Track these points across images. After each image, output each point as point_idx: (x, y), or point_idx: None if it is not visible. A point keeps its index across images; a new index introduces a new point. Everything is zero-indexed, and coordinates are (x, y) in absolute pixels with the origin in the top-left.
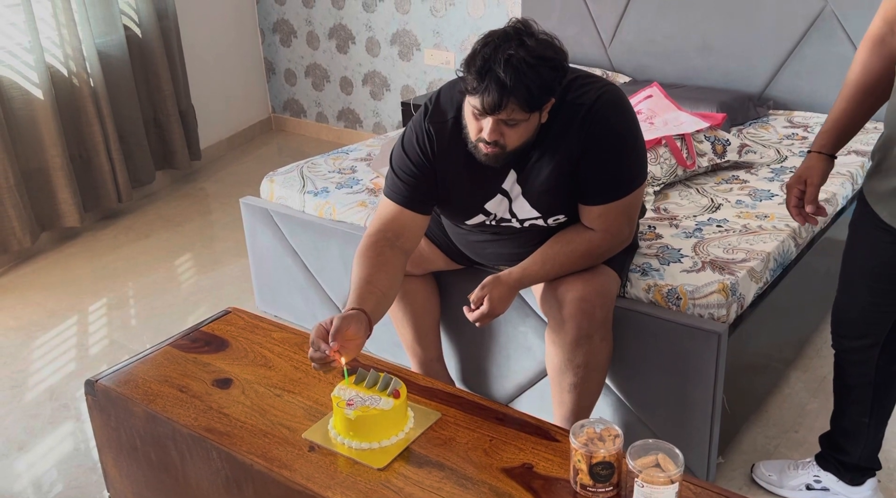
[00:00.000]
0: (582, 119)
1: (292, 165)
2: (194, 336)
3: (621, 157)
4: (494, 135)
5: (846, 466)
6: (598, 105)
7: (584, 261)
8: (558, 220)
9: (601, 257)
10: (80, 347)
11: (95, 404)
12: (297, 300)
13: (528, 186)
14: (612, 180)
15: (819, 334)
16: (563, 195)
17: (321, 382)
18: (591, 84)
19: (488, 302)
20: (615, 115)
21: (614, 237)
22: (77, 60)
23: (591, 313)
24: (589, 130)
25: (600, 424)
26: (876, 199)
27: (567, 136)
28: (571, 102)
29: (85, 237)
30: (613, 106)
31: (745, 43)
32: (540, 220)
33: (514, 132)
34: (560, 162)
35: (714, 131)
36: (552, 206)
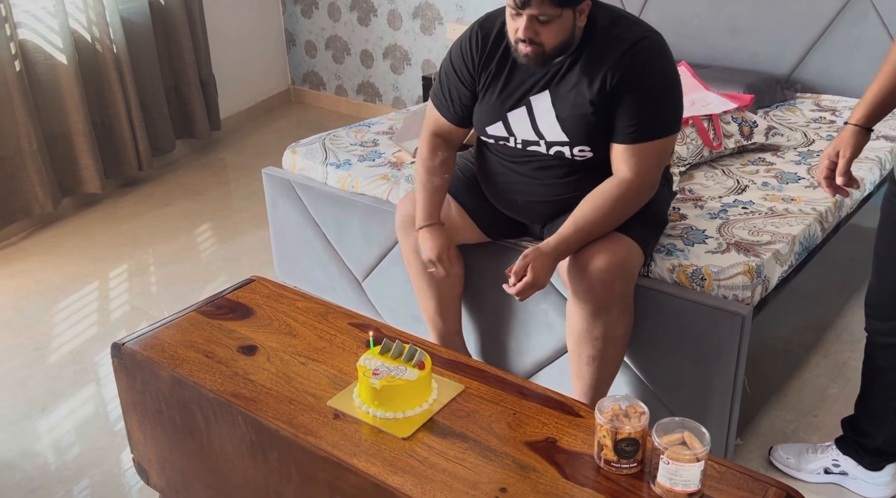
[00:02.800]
0: (623, 53)
1: (314, 137)
2: (219, 303)
3: (659, 98)
4: (529, 32)
5: (867, 450)
6: (643, 44)
7: (615, 213)
8: (584, 151)
9: (631, 206)
10: (101, 311)
11: (121, 367)
12: (317, 272)
13: (560, 106)
14: (649, 118)
15: (840, 320)
16: (592, 125)
17: (345, 351)
18: (638, 25)
19: (531, 271)
20: (658, 57)
21: (643, 181)
22: (101, 26)
23: (611, 285)
24: (630, 64)
25: (626, 400)
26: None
27: (604, 63)
28: (616, 35)
29: (106, 204)
30: (658, 48)
31: (775, 24)
32: (566, 148)
33: (549, 30)
34: (595, 90)
35: (741, 113)
36: (580, 132)
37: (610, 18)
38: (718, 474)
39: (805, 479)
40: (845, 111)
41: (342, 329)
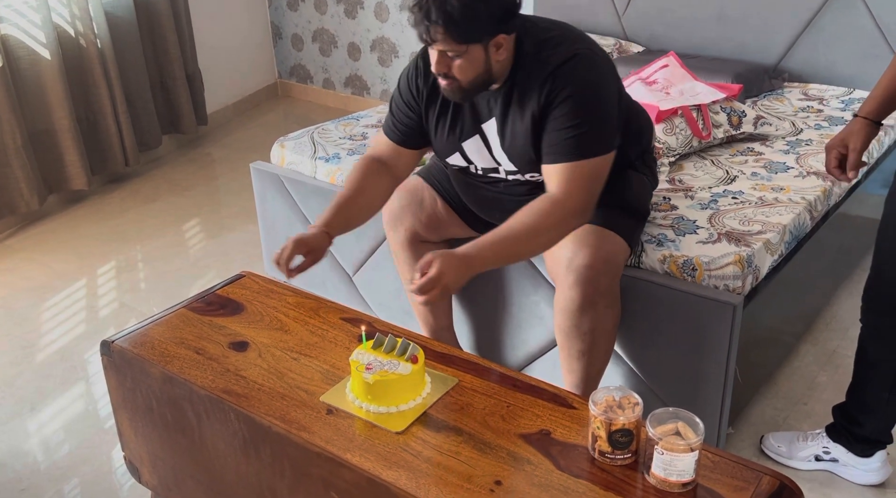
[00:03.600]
0: (546, 77)
1: (303, 131)
2: (209, 299)
3: (582, 118)
4: (440, 66)
5: (857, 438)
6: (566, 65)
7: (541, 231)
8: (535, 177)
9: (559, 227)
10: (89, 309)
11: (111, 365)
12: None
13: (506, 137)
14: (572, 138)
15: (829, 308)
16: (535, 152)
17: (337, 346)
18: (566, 44)
19: (435, 267)
20: (582, 76)
21: (571, 202)
22: (84, 21)
23: (596, 281)
24: (552, 87)
25: (619, 391)
26: None
27: (532, 90)
28: (542, 60)
29: (92, 200)
30: (585, 67)
31: (762, 14)
32: (519, 175)
33: (459, 65)
34: (528, 118)
35: (730, 103)
36: (524, 161)
37: (537, 42)
38: (712, 464)
39: (796, 466)
40: (833, 100)
41: (334, 324)
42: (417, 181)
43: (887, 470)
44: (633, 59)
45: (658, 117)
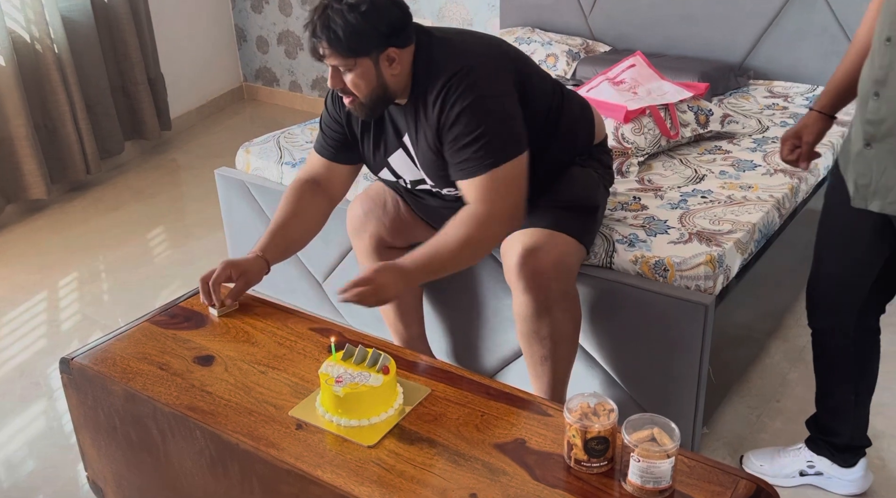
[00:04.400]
0: (437, 93)
1: (268, 135)
2: (172, 312)
3: (478, 130)
4: (334, 82)
5: (838, 448)
6: (454, 79)
7: (471, 245)
8: (451, 192)
9: (487, 238)
10: (50, 322)
11: (71, 383)
12: (275, 274)
13: (419, 152)
14: (474, 152)
15: (798, 304)
16: (442, 167)
17: (307, 358)
18: (454, 58)
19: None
20: (471, 89)
21: (494, 211)
22: (40, 25)
23: (547, 286)
24: (444, 102)
25: (594, 397)
26: (843, 164)
27: (428, 106)
28: (434, 73)
29: (52, 210)
30: (473, 78)
31: (726, 13)
32: (439, 189)
33: (352, 80)
34: (431, 133)
35: (697, 101)
36: (437, 176)
37: (429, 58)
38: (688, 469)
39: (782, 484)
40: (797, 97)
41: (303, 335)
42: (379, 186)
43: (869, 479)
44: (601, 59)
45: (626, 117)
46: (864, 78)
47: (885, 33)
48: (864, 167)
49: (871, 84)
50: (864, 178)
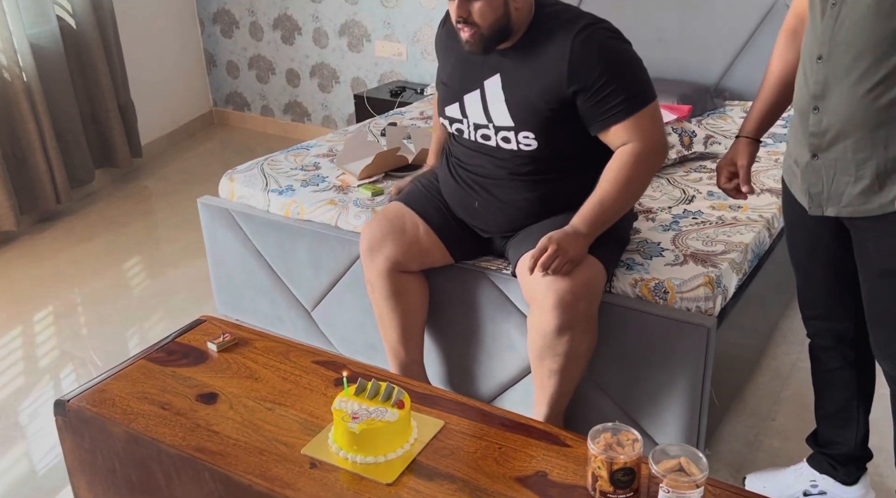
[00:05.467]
0: (572, 39)
1: (252, 163)
2: (170, 348)
3: (623, 79)
4: (461, 11)
5: (840, 461)
6: (591, 29)
7: (632, 181)
8: (528, 138)
9: (647, 171)
10: (27, 359)
11: (66, 426)
12: (262, 303)
13: (509, 90)
14: (624, 95)
15: (785, 321)
16: (540, 113)
17: (313, 392)
18: (580, 13)
19: (553, 243)
20: (610, 39)
21: (651, 145)
22: (8, 53)
23: (575, 305)
24: (583, 52)
25: (616, 428)
26: (789, 178)
27: (552, 49)
28: (564, 21)
29: (22, 241)
30: (608, 31)
31: (700, 35)
32: (511, 134)
33: (479, 9)
34: (548, 76)
35: (681, 123)
36: (526, 118)
37: (553, 5)
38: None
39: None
40: None
41: (307, 368)
42: (398, 207)
43: (871, 496)
44: None
45: None
46: (799, 96)
47: (815, 53)
48: (815, 177)
49: (808, 100)
50: (816, 187)
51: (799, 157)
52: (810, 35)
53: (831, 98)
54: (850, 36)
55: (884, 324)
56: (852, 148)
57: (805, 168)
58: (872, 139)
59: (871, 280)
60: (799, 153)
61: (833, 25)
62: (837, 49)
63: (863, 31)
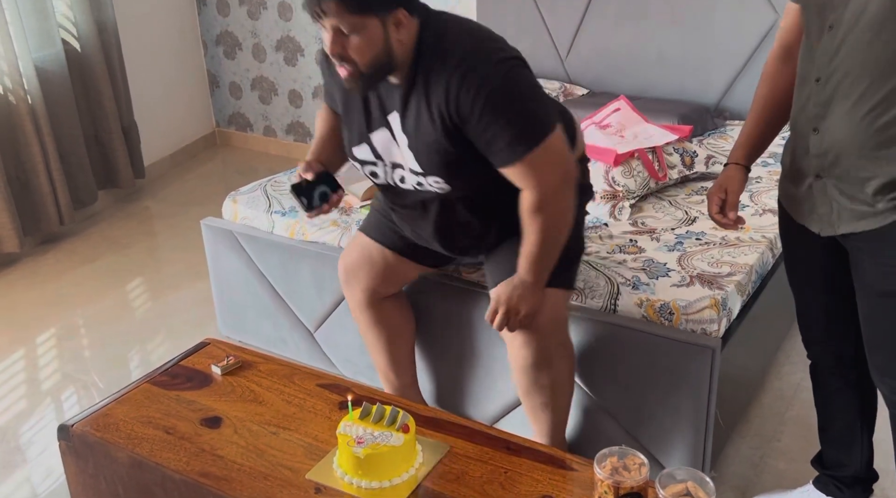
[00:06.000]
0: (452, 71)
1: (254, 184)
2: (174, 371)
3: (509, 114)
4: (335, 47)
5: (846, 483)
6: (471, 61)
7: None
8: (439, 182)
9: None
10: (30, 382)
11: (70, 450)
12: (265, 325)
13: (409, 132)
14: (511, 135)
15: (787, 341)
16: (442, 152)
17: (318, 416)
18: (469, 37)
19: (503, 303)
20: (492, 70)
21: (550, 187)
22: (13, 77)
23: (546, 340)
24: (461, 85)
25: (622, 452)
26: (788, 201)
27: (437, 85)
28: (446, 51)
29: (25, 263)
30: (492, 61)
31: (700, 55)
32: (422, 178)
33: (357, 44)
34: (437, 113)
35: (681, 143)
36: (431, 163)
37: (439, 33)
38: None
39: None
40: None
41: (311, 391)
42: (362, 239)
43: None
44: (580, 102)
45: (616, 161)
46: (797, 118)
47: (813, 75)
48: (822, 197)
49: (807, 122)
50: (824, 207)
51: (799, 180)
52: (807, 57)
53: (831, 119)
54: (849, 58)
55: (882, 347)
56: (854, 167)
57: (808, 190)
58: (874, 158)
59: (869, 302)
60: (799, 176)
61: (831, 48)
62: (836, 71)
63: (862, 53)
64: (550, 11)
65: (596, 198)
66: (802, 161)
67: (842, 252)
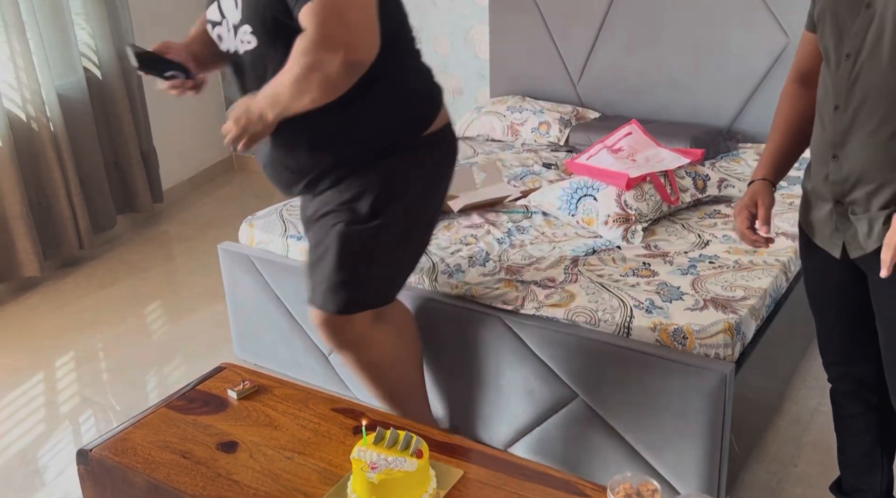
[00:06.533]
0: None
1: (271, 209)
2: (190, 396)
3: None
4: None
5: None
6: None
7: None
8: (248, 33)
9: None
10: (49, 405)
11: (89, 475)
12: (280, 348)
13: None
14: None
15: (804, 365)
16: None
17: (332, 440)
18: None
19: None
20: None
21: (319, 33)
22: (36, 104)
23: (333, 340)
24: None
25: (635, 478)
26: (808, 226)
27: None
28: None
29: (45, 286)
30: None
31: (712, 78)
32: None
33: None
34: None
35: (694, 167)
36: (250, 10)
37: None
38: None
39: None
40: None
41: (325, 416)
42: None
43: None
44: (592, 126)
45: (628, 184)
46: (817, 144)
47: (832, 103)
48: (843, 222)
49: (826, 148)
50: (849, 231)
51: (819, 205)
52: (825, 85)
53: (850, 146)
54: (866, 86)
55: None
56: (875, 192)
57: (828, 215)
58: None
59: (889, 326)
60: (819, 201)
61: (849, 76)
62: (854, 99)
63: (879, 81)
64: (562, 36)
65: (608, 221)
66: (822, 187)
67: (861, 275)
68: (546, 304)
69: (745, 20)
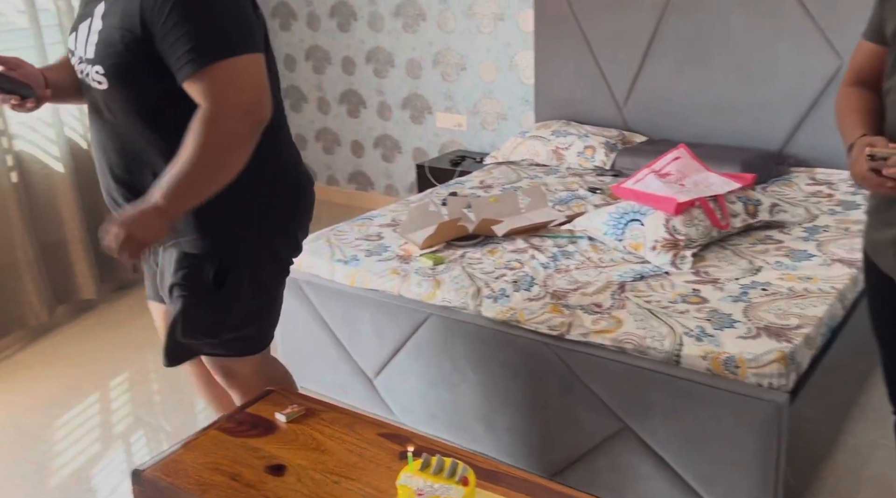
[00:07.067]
0: None
1: (318, 234)
2: (239, 418)
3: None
4: None
5: None
6: None
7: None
8: (99, 73)
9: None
10: (103, 425)
11: (142, 495)
12: (325, 371)
13: (105, 20)
14: (189, 50)
15: (863, 396)
16: (115, 44)
17: (378, 466)
18: None
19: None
20: None
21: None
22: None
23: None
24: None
25: None
26: (873, 250)
27: None
28: None
29: (101, 309)
30: None
31: (762, 101)
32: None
33: None
34: (128, 6)
35: (744, 191)
36: (102, 50)
37: None
38: None
39: None
40: (841, 184)
41: (372, 441)
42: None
43: None
44: (639, 150)
45: (677, 209)
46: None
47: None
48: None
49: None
50: None
51: (885, 229)
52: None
53: None
54: None
55: None
56: None
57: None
58: None
59: None
60: (884, 225)
61: None
62: None
63: None
64: (608, 60)
65: (656, 246)
66: (887, 210)
67: None
68: (593, 330)
69: (796, 42)
